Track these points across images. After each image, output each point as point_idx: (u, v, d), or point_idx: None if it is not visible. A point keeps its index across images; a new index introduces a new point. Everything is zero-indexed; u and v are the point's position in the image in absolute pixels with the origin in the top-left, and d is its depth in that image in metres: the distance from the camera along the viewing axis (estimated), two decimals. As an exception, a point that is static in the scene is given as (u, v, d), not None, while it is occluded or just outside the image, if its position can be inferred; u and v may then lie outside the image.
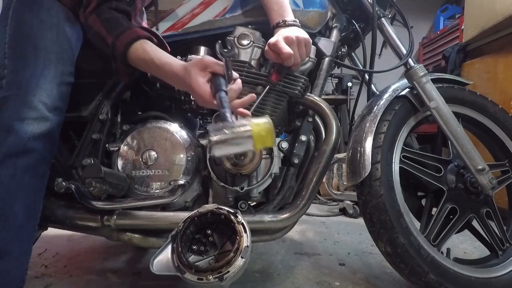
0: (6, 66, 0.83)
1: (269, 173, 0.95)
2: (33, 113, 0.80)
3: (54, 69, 0.85)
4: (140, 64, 0.86)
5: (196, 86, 0.80)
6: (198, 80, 0.80)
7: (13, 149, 0.77)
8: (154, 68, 0.84)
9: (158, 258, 0.80)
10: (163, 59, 0.84)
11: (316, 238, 1.67)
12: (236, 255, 0.77)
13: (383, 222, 0.95)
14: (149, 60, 0.83)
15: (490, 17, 1.91)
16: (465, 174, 1.06)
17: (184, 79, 0.82)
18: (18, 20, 0.86)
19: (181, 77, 0.82)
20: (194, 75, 0.81)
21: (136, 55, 0.84)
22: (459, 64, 2.32)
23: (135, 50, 0.84)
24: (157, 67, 0.84)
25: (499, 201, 1.12)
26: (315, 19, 1.05)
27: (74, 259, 1.35)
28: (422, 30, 3.70)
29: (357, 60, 1.31)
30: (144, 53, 0.84)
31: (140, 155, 0.98)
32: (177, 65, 0.84)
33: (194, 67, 0.81)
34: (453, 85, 1.13)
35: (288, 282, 1.12)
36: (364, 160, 0.97)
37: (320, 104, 1.02)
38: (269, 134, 0.68)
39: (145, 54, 0.84)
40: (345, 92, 3.27)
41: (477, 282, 0.96)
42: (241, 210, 0.97)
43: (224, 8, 1.04)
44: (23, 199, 0.78)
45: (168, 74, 0.84)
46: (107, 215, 0.94)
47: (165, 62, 0.84)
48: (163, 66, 0.84)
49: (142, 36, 0.85)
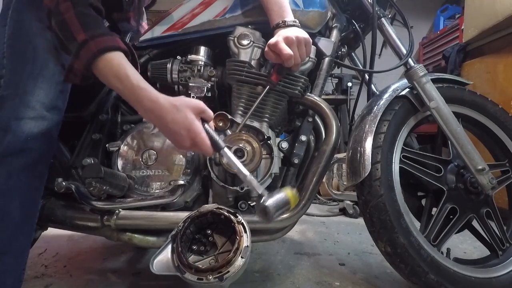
0: (5, 66, 0.83)
1: (269, 173, 0.95)
2: (31, 113, 0.80)
3: (52, 68, 0.85)
4: (107, 76, 0.73)
5: (197, 131, 0.74)
6: (199, 126, 0.74)
7: (10, 149, 0.77)
8: (126, 86, 0.72)
9: (158, 258, 0.80)
10: (141, 81, 0.73)
11: (316, 238, 1.67)
12: (236, 255, 0.77)
13: (383, 222, 0.95)
14: (123, 75, 0.72)
15: (490, 17, 1.91)
16: (465, 174, 1.06)
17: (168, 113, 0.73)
18: (17, 20, 0.86)
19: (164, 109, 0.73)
20: (191, 118, 0.74)
21: (108, 65, 0.73)
22: (459, 64, 2.32)
23: (110, 60, 0.73)
24: (131, 86, 0.72)
25: (499, 201, 1.12)
26: (315, 19, 1.05)
27: (74, 259, 1.35)
28: (422, 30, 3.70)
29: (357, 60, 1.31)
30: (119, 66, 0.73)
31: (140, 155, 0.98)
32: (158, 95, 0.74)
33: (188, 109, 0.74)
34: (453, 85, 1.13)
35: (288, 282, 1.12)
36: (364, 160, 0.97)
37: (320, 104, 1.02)
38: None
39: (119, 67, 0.73)
40: (345, 92, 3.27)
41: (477, 282, 0.96)
42: (241, 210, 0.97)
43: (224, 8, 1.04)
44: (20, 198, 0.79)
45: (140, 99, 0.73)
46: (107, 215, 0.94)
47: (142, 86, 0.73)
48: (138, 88, 0.73)
49: (122, 49, 0.75)
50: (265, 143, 0.95)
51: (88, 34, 0.73)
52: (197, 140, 0.74)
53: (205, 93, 1.01)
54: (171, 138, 0.77)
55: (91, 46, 0.72)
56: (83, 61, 0.72)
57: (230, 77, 0.98)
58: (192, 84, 1.02)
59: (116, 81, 0.73)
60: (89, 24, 0.74)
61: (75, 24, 0.73)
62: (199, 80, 1.02)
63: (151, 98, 0.73)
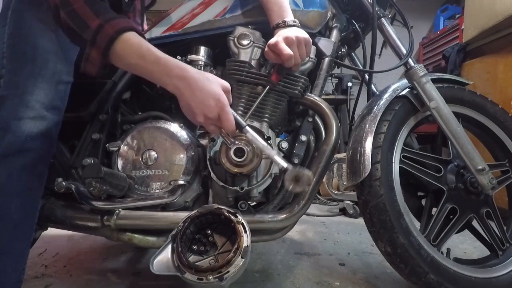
0: (4, 66, 0.83)
1: (269, 173, 0.95)
2: (30, 112, 0.80)
3: (52, 68, 0.85)
4: (128, 55, 0.74)
5: (225, 103, 0.75)
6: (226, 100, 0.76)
7: (10, 149, 0.77)
8: (151, 59, 0.74)
9: (158, 258, 0.80)
10: (164, 54, 0.76)
11: (316, 238, 1.67)
12: (236, 255, 0.77)
13: (383, 222, 0.95)
14: (146, 50, 0.74)
15: (490, 17, 1.91)
16: (465, 174, 1.06)
17: (199, 81, 0.74)
18: (17, 19, 0.86)
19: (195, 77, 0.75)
20: (220, 91, 0.76)
21: (128, 45, 0.74)
22: (459, 64, 2.32)
23: (128, 39, 0.74)
24: (156, 58, 0.74)
25: (499, 201, 1.12)
26: (315, 19, 1.05)
27: (74, 259, 1.35)
28: (422, 30, 3.70)
29: (357, 60, 1.31)
30: (140, 43, 0.74)
31: (140, 155, 0.98)
32: (186, 64, 0.77)
33: (218, 83, 0.76)
34: (453, 85, 1.13)
35: (288, 282, 1.12)
36: (364, 160, 0.97)
37: (320, 104, 1.02)
38: None
39: (140, 44, 0.74)
40: (345, 92, 3.27)
41: (477, 282, 0.96)
42: (241, 210, 0.97)
43: (224, 8, 1.04)
44: (19, 198, 0.79)
45: (170, 67, 0.74)
46: (107, 215, 0.94)
47: (168, 57, 0.75)
48: (165, 59, 0.75)
49: (136, 29, 0.76)
50: (270, 146, 0.95)
51: (102, 19, 0.74)
52: (224, 111, 0.75)
53: None
54: (196, 108, 0.75)
55: (107, 29, 0.73)
56: (101, 46, 0.73)
57: (230, 77, 0.98)
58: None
59: (139, 58, 0.74)
60: (101, 10, 0.75)
61: (87, 11, 0.74)
62: (199, 80, 1.02)
63: (180, 66, 0.75)
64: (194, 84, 0.75)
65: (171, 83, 0.75)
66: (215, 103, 0.75)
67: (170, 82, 0.75)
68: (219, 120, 0.77)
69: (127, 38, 0.74)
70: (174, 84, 0.75)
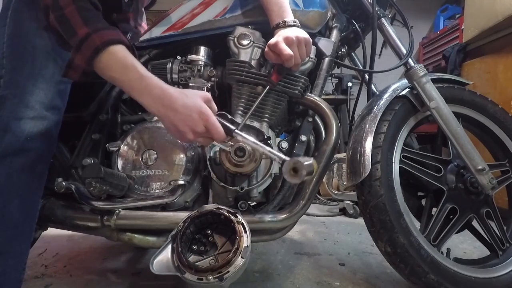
0: (4, 66, 0.83)
1: (269, 173, 0.95)
2: (30, 112, 0.80)
3: (52, 68, 0.85)
4: (112, 68, 0.73)
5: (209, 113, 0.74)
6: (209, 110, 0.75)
7: (10, 149, 0.77)
8: (133, 76, 0.73)
9: (158, 258, 0.80)
10: (147, 72, 0.75)
11: (316, 238, 1.67)
12: (236, 255, 0.77)
13: (383, 222, 0.95)
14: (130, 66, 0.73)
15: (490, 17, 1.91)
16: (465, 174, 1.06)
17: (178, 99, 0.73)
18: (17, 20, 0.86)
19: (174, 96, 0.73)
20: (201, 102, 0.75)
21: (113, 58, 0.73)
22: (459, 64, 2.32)
23: (114, 53, 0.73)
24: (139, 76, 0.73)
25: (499, 201, 1.12)
26: (315, 19, 1.05)
27: (74, 259, 1.35)
28: (422, 30, 3.70)
29: (357, 60, 1.31)
30: (125, 58, 0.73)
31: (140, 155, 0.98)
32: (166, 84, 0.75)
33: (196, 96, 0.76)
34: (453, 85, 1.13)
35: (288, 282, 1.12)
36: (364, 160, 0.97)
37: (320, 104, 1.02)
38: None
39: (126, 59, 0.73)
40: (345, 92, 3.27)
41: (477, 282, 0.96)
42: (241, 210, 0.97)
43: (224, 8, 1.04)
44: (20, 198, 0.79)
45: (150, 87, 0.73)
46: (107, 215, 0.94)
47: (150, 75, 0.74)
48: (147, 77, 0.73)
49: (125, 42, 0.75)
50: (265, 143, 0.95)
51: (91, 28, 0.72)
52: (209, 122, 0.74)
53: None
54: (182, 125, 0.74)
55: (94, 39, 0.71)
56: (86, 55, 0.72)
57: (230, 77, 0.98)
58: (192, 84, 1.02)
59: (122, 73, 0.73)
60: (91, 19, 0.74)
61: (76, 18, 0.73)
62: (199, 80, 1.02)
63: (161, 86, 0.74)
64: (174, 103, 0.73)
65: (152, 103, 0.74)
66: (198, 116, 0.74)
67: (151, 101, 0.74)
68: (208, 132, 0.76)
69: (113, 51, 0.73)
70: (156, 104, 0.74)
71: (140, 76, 0.73)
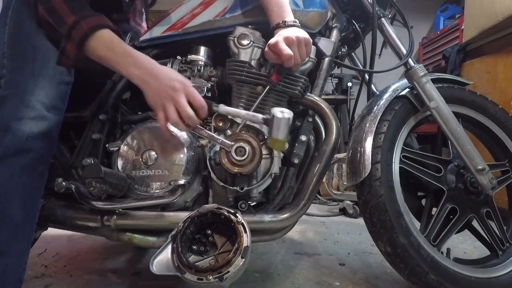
0: (5, 66, 0.83)
1: (269, 173, 0.95)
2: (31, 113, 0.80)
3: (52, 68, 0.85)
4: (100, 49, 0.80)
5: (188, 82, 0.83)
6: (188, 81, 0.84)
7: (10, 149, 0.77)
8: (121, 52, 0.81)
9: (158, 258, 0.80)
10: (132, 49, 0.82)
11: (316, 238, 1.67)
12: (236, 255, 0.77)
13: (383, 222, 0.95)
14: (116, 44, 0.80)
15: (490, 17, 1.91)
16: (465, 174, 1.06)
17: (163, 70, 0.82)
18: (17, 20, 0.86)
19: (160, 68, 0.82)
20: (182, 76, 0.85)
21: (100, 40, 0.79)
22: (459, 64, 2.32)
23: (101, 36, 0.79)
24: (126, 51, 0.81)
25: (499, 201, 1.12)
26: (315, 19, 1.05)
27: (74, 259, 1.35)
28: (422, 30, 3.70)
29: (357, 60, 1.31)
30: (111, 38, 0.80)
31: (140, 155, 0.98)
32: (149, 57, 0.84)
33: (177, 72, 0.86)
34: (453, 85, 1.13)
35: (288, 282, 1.12)
36: (364, 160, 0.97)
37: (320, 104, 1.02)
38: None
39: (112, 39, 0.80)
40: (345, 92, 3.27)
41: (477, 282, 0.96)
42: (241, 210, 0.97)
43: (224, 8, 1.04)
44: (20, 198, 0.79)
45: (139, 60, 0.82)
46: (107, 215, 0.94)
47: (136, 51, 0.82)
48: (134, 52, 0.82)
49: (111, 27, 0.81)
50: (265, 143, 0.95)
51: (78, 16, 0.78)
52: (189, 89, 0.82)
53: (205, 93, 1.01)
54: (163, 91, 0.81)
55: (82, 25, 0.78)
56: (75, 41, 0.78)
57: (230, 77, 0.98)
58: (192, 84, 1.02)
59: (109, 51, 0.80)
60: (77, 7, 0.80)
61: (64, 8, 0.79)
62: (199, 80, 1.02)
63: (147, 58, 0.82)
64: (156, 71, 0.82)
65: (140, 74, 0.81)
66: (179, 85, 0.82)
67: (139, 73, 0.81)
68: (189, 98, 0.83)
69: (100, 34, 0.79)
70: (143, 76, 0.82)
71: (128, 51, 0.81)
